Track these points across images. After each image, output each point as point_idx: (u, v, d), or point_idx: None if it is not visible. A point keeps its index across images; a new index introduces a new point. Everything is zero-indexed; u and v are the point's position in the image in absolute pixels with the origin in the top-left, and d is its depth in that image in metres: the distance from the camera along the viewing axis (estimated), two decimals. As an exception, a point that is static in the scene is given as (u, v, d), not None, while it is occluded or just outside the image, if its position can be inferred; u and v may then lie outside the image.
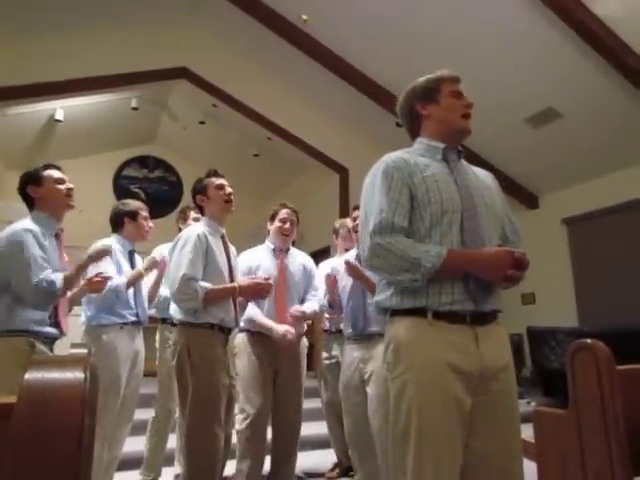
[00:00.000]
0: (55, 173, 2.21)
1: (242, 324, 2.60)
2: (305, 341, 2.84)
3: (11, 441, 0.56)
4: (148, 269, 2.76)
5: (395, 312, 1.41)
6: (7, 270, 1.98)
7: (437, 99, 1.54)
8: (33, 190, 2.16)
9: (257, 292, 2.40)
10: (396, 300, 1.40)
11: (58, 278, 2.00)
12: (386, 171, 1.45)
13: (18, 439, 0.56)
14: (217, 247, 2.39)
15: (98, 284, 2.36)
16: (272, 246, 2.83)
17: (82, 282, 2.42)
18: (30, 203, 2.19)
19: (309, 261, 2.97)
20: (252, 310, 2.62)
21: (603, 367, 1.34)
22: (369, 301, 2.44)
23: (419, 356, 1.32)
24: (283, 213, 2.82)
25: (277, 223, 2.81)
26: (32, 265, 1.96)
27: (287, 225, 2.80)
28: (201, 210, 2.52)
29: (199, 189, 2.47)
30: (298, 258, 2.92)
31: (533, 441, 1.60)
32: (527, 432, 1.67)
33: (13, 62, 5.14)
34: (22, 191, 2.19)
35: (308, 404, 4.14)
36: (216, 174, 2.49)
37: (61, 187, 2.20)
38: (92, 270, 2.42)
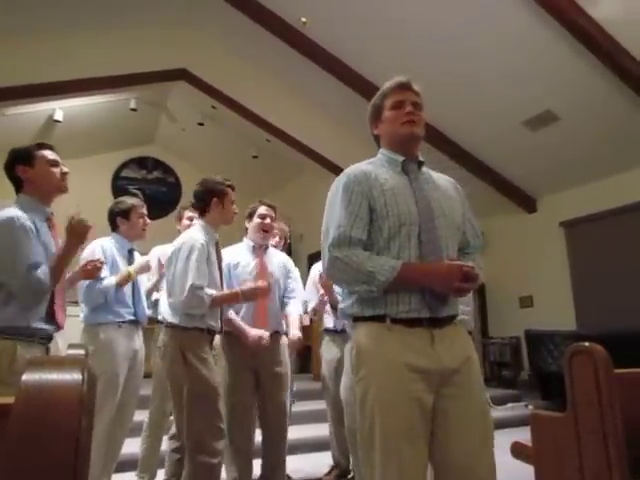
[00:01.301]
0: (49, 154, 1.98)
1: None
2: (285, 340, 2.77)
3: (8, 441, 0.56)
4: (139, 272, 2.70)
5: (357, 318, 1.49)
6: None
7: (381, 117, 1.62)
8: (23, 170, 1.91)
9: (258, 295, 2.44)
10: (357, 308, 1.48)
11: (45, 273, 1.79)
12: (347, 185, 1.51)
13: (16, 439, 0.56)
14: (212, 255, 2.42)
15: (92, 271, 2.33)
16: (251, 243, 2.80)
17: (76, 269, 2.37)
18: (18, 184, 1.95)
19: (288, 260, 2.97)
20: (229, 311, 2.60)
21: (601, 370, 1.34)
22: None
23: (379, 359, 1.39)
24: (262, 209, 2.79)
25: (256, 219, 2.78)
26: (20, 254, 1.76)
27: (267, 220, 2.78)
28: (202, 212, 2.51)
29: (218, 192, 2.47)
30: (277, 256, 2.91)
31: (531, 444, 1.60)
32: (525, 435, 1.67)
33: (12, 62, 5.14)
34: (10, 170, 1.93)
35: (306, 406, 4.12)
36: (233, 188, 2.53)
37: (55, 170, 1.97)
38: (84, 258, 2.43)
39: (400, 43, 5.00)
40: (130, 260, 2.75)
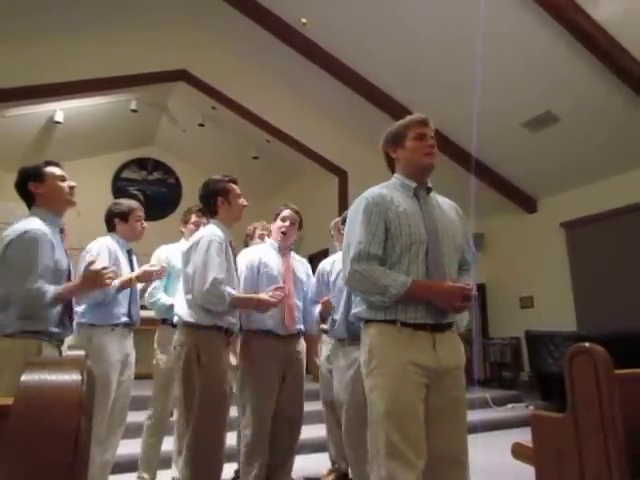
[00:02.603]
0: (57, 170, 2.16)
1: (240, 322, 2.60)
2: (303, 342, 2.85)
3: (8, 442, 0.56)
4: (141, 280, 2.67)
5: (370, 320, 1.72)
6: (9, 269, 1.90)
7: (403, 143, 1.83)
8: (35, 186, 2.09)
9: (270, 307, 2.44)
10: (369, 313, 1.72)
11: (50, 290, 1.92)
12: (367, 207, 1.75)
13: (15, 440, 0.56)
14: (229, 251, 2.42)
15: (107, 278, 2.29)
16: (276, 244, 2.86)
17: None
18: (30, 200, 2.13)
19: (308, 267, 3.06)
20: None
21: (601, 371, 1.34)
22: None
23: (388, 354, 1.63)
24: (285, 212, 2.87)
25: (278, 222, 2.86)
26: (32, 271, 1.88)
27: (286, 223, 2.83)
28: (212, 212, 2.50)
29: (221, 191, 2.46)
30: (299, 260, 3.01)
31: (531, 445, 1.60)
32: (525, 436, 1.67)
33: (13, 64, 5.14)
34: (22, 187, 2.11)
35: (307, 407, 4.11)
36: (236, 182, 2.51)
37: (63, 184, 2.16)
38: (96, 265, 2.38)
39: (399, 43, 5.00)
40: (130, 261, 2.74)
